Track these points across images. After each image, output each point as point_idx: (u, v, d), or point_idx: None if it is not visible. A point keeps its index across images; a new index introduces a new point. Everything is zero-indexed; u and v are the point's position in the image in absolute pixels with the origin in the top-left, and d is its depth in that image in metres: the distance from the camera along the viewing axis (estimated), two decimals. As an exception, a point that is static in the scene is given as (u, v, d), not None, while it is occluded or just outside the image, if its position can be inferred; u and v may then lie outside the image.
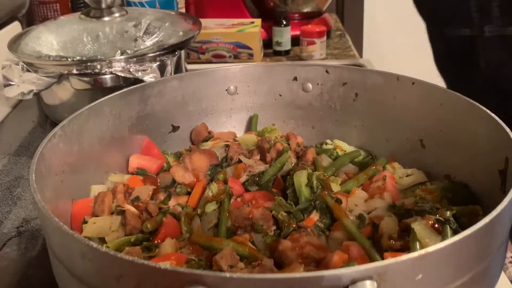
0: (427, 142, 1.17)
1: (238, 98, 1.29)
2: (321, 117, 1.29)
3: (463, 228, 0.77)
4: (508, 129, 0.94)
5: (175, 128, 1.26)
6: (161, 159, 1.19)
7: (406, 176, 1.15)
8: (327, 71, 1.26)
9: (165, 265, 0.66)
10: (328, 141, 1.27)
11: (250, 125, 1.31)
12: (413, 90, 1.17)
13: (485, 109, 1.01)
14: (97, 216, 1.03)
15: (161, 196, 1.08)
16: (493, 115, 0.99)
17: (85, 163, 1.07)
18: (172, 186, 1.12)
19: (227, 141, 1.21)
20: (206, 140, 1.24)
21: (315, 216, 0.99)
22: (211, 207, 1.03)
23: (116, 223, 1.00)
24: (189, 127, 1.28)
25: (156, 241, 0.96)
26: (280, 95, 1.30)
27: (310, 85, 1.28)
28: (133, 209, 1.02)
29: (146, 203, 1.04)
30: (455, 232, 0.91)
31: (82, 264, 0.74)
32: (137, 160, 1.17)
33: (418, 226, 0.93)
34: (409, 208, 1.00)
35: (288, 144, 1.21)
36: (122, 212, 1.02)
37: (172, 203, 1.07)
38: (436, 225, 0.93)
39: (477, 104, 1.04)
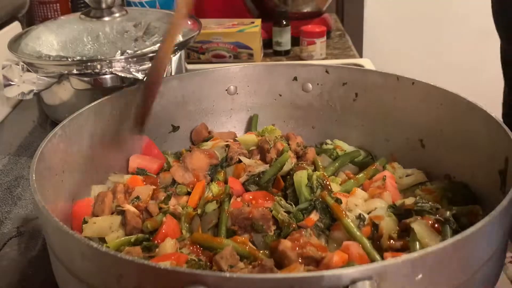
0: (427, 142, 1.18)
1: (238, 98, 1.30)
2: (321, 117, 1.29)
3: (463, 228, 0.78)
4: (508, 130, 0.94)
5: (175, 128, 1.26)
6: (161, 159, 1.20)
7: (406, 176, 1.15)
8: (327, 71, 1.26)
9: (165, 265, 0.67)
10: (328, 141, 1.27)
11: (250, 125, 1.31)
12: (413, 90, 1.17)
13: (485, 109, 1.02)
14: (97, 216, 1.02)
15: (161, 196, 1.07)
16: (493, 115, 1.00)
17: (85, 163, 1.07)
18: (172, 186, 1.12)
19: (227, 141, 1.21)
20: (206, 140, 1.24)
21: (315, 216, 0.99)
22: (211, 207, 1.03)
23: (116, 223, 1.00)
24: (189, 127, 1.28)
25: (156, 241, 0.96)
26: (280, 95, 1.30)
27: (310, 85, 1.28)
28: (133, 209, 1.02)
29: (146, 203, 1.04)
30: (455, 232, 0.91)
31: (82, 264, 0.75)
32: (137, 160, 1.17)
33: (418, 226, 0.94)
34: (409, 208, 1.00)
35: (288, 144, 1.21)
36: (122, 212, 1.02)
37: (172, 203, 1.07)
38: (436, 225, 0.94)
39: (477, 104, 1.04)
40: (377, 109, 1.24)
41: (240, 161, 1.16)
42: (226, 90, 1.28)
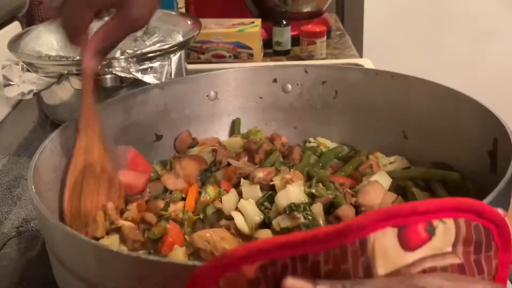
0: (409, 132, 1.20)
1: (219, 103, 1.30)
2: (302, 117, 1.31)
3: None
4: (494, 111, 0.97)
5: (158, 137, 1.26)
6: (148, 170, 1.20)
7: (390, 163, 1.17)
8: (306, 71, 1.27)
9: (193, 262, 0.67)
10: (311, 139, 1.29)
11: (233, 130, 1.32)
12: (393, 83, 1.19)
13: (467, 94, 1.05)
14: (94, 236, 1.00)
15: (160, 204, 1.08)
16: (476, 98, 1.02)
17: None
18: (163, 195, 1.12)
19: (213, 146, 1.22)
20: (191, 146, 1.26)
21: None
22: (210, 210, 1.04)
23: (115, 243, 0.98)
24: (172, 135, 1.28)
25: (163, 250, 0.96)
26: (261, 98, 1.31)
27: (289, 86, 1.29)
28: (128, 223, 1.02)
29: (142, 215, 1.04)
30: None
31: (98, 269, 0.74)
32: (124, 178, 1.14)
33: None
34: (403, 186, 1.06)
35: (273, 145, 1.23)
36: (117, 229, 1.00)
37: (171, 209, 1.07)
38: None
39: (458, 90, 1.07)
40: (358, 105, 1.25)
41: (229, 164, 1.17)
42: (207, 96, 1.29)
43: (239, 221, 0.99)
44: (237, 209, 1.02)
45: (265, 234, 0.94)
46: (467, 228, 0.58)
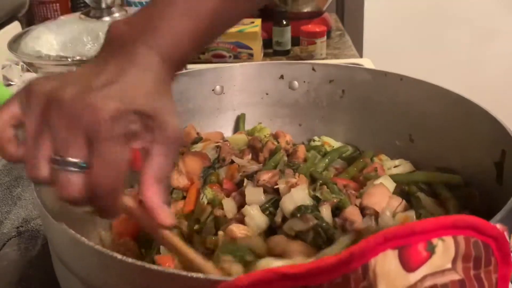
0: (416, 136, 1.19)
1: (224, 97, 1.30)
2: (308, 114, 1.30)
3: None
4: (503, 122, 0.95)
5: None
6: None
7: (394, 167, 1.16)
8: (313, 69, 1.27)
9: (197, 274, 0.65)
10: (316, 137, 1.28)
11: (237, 125, 1.31)
12: (401, 86, 1.18)
13: (476, 102, 1.03)
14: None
15: None
16: (485, 107, 1.01)
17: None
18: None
19: (217, 142, 1.21)
20: (195, 142, 1.24)
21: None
22: (210, 218, 1.02)
23: None
24: None
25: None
26: (267, 94, 1.30)
27: (296, 83, 1.29)
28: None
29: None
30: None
31: (102, 275, 0.73)
32: None
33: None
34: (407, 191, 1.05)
35: (278, 142, 1.22)
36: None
37: (172, 210, 1.05)
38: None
39: (468, 98, 1.05)
40: (364, 105, 1.24)
41: (232, 161, 1.16)
42: (213, 90, 1.28)
43: (251, 224, 0.97)
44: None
45: (280, 239, 0.92)
46: (467, 245, 0.59)
